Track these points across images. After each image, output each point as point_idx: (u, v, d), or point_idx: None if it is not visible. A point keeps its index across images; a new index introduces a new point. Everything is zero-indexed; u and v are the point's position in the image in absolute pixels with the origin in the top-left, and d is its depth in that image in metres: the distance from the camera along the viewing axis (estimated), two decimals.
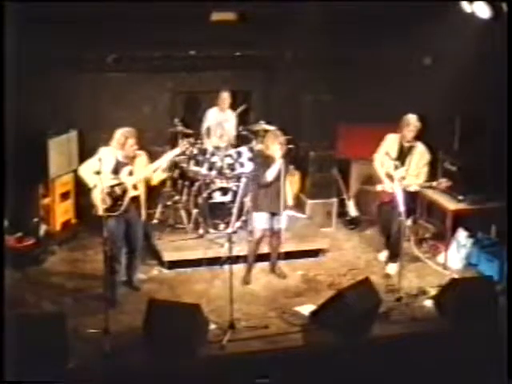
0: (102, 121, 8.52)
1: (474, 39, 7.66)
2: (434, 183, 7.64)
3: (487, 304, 6.78)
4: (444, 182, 7.61)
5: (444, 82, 8.20)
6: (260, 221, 7.35)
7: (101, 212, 6.57)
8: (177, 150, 7.33)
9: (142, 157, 6.99)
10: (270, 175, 7.13)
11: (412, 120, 7.59)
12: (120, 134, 6.80)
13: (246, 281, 7.49)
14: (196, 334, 6.18)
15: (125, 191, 6.82)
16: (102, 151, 6.79)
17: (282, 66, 9.30)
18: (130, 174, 6.87)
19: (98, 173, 6.36)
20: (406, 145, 7.66)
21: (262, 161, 7.27)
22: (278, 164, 7.10)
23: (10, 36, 5.71)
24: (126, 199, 6.83)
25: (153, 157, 7.15)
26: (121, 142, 6.77)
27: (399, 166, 7.54)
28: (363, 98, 8.93)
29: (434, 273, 7.94)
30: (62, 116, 8.41)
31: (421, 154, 7.66)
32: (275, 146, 7.14)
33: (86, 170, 6.70)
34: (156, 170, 7.04)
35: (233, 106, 8.99)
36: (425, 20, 7.89)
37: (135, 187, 6.90)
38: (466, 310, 6.70)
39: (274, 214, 7.27)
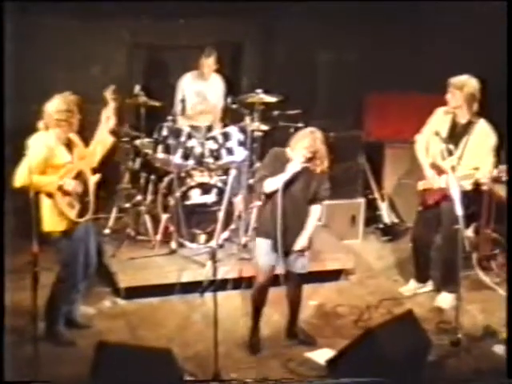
0: (31, 85, 8.52)
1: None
2: (494, 173, 7.57)
3: None
4: (504, 171, 7.54)
5: None
6: (262, 252, 6.92)
7: (73, 217, 6.75)
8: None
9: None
10: (269, 185, 6.74)
11: (461, 84, 7.51)
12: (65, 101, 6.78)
13: (254, 348, 7.11)
14: None
15: (86, 181, 6.84)
16: (38, 138, 6.72)
17: (286, 11, 9.28)
18: (81, 158, 6.89)
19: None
20: (462, 122, 7.62)
21: (274, 163, 6.87)
22: (287, 174, 6.67)
23: None
24: (91, 190, 6.89)
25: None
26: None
27: (454, 151, 7.51)
28: (400, 57, 9.20)
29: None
30: None
31: (482, 135, 7.59)
32: (302, 151, 6.67)
33: (20, 177, 6.59)
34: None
35: (220, 69, 9.07)
36: None
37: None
38: None
39: (286, 253, 6.81)
